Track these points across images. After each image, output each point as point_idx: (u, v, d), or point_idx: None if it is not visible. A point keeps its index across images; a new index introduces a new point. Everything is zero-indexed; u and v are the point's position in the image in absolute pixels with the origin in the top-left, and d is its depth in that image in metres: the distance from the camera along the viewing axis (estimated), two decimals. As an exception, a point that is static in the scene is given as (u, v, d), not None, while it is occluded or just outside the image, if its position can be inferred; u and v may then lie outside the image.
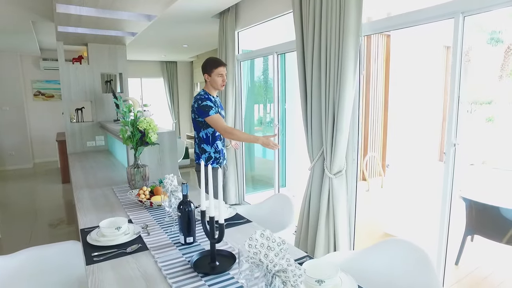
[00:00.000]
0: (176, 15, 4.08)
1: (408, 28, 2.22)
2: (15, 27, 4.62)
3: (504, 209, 2.72)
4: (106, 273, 1.28)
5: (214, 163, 2.68)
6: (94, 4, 2.60)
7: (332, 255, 1.59)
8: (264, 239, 0.91)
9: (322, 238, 2.66)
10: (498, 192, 4.40)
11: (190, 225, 1.52)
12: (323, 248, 2.68)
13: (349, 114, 2.45)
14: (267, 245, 0.88)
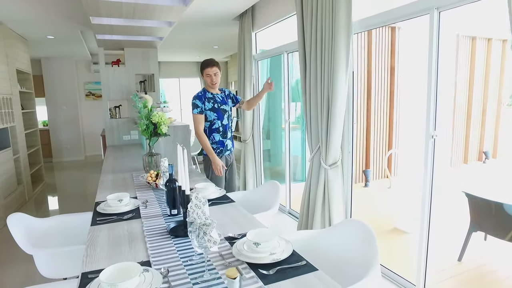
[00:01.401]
0: (199, 19, 4.43)
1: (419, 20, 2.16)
2: (68, 36, 5.30)
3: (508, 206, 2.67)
4: (102, 232, 1.61)
5: (215, 152, 2.94)
6: (119, 15, 3.01)
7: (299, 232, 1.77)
8: (197, 201, 1.16)
9: (318, 226, 2.82)
10: None
11: (175, 199, 1.81)
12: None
13: (342, 109, 2.58)
14: (195, 203, 1.13)
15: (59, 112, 7.86)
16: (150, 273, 1.16)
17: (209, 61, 2.88)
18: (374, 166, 5.42)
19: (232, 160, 3.11)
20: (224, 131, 2.97)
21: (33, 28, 4.69)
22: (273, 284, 1.12)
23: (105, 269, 1.08)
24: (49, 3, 3.56)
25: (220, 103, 2.94)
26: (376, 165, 5.43)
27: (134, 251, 1.40)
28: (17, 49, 4.88)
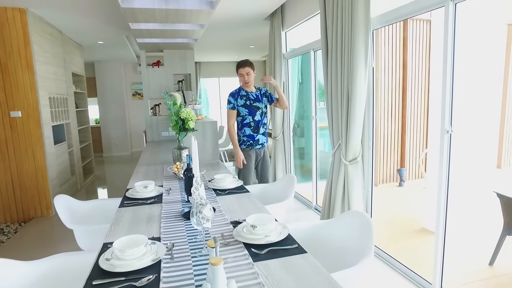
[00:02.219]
0: (231, 20, 4.62)
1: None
2: (115, 41, 5.79)
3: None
4: (126, 213, 1.84)
5: (243, 145, 3.23)
6: (153, 20, 3.28)
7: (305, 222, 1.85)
8: (196, 184, 1.31)
9: (337, 220, 2.86)
10: None
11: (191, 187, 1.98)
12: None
13: (362, 105, 2.59)
14: (195, 186, 1.28)
15: (108, 111, 8.56)
16: (156, 245, 1.33)
17: (242, 62, 3.14)
18: (409, 165, 5.24)
19: (263, 154, 3.32)
20: (255, 126, 3.20)
21: (86, 35, 5.21)
22: (262, 261, 1.24)
23: (118, 239, 1.28)
24: (98, 13, 3.95)
25: (253, 101, 3.18)
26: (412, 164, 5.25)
27: (149, 229, 1.59)
28: (74, 55, 5.44)
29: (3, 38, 3.66)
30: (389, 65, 5.12)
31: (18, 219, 3.98)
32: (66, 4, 3.61)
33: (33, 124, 3.83)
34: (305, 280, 1.10)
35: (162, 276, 1.15)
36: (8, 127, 3.78)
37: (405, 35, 5.10)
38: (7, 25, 3.66)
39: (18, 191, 3.92)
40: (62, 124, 4.62)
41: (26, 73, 3.75)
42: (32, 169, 3.90)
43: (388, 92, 5.16)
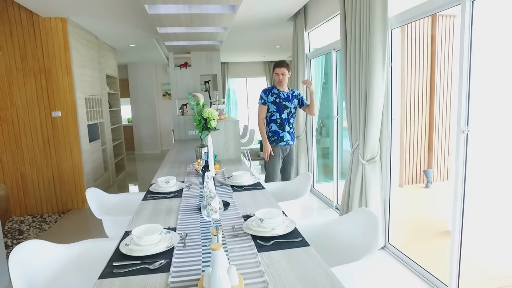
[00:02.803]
0: (256, 21, 4.71)
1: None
2: (146, 44, 6.08)
3: None
4: (148, 205, 1.99)
5: (269, 140, 3.38)
6: (179, 24, 3.45)
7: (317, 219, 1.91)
8: (207, 178, 1.42)
9: (354, 219, 2.88)
10: None
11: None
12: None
13: (380, 104, 2.60)
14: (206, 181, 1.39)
15: (140, 111, 8.96)
16: (171, 234, 1.45)
17: (279, 62, 3.34)
18: (437, 166, 5.08)
19: (288, 151, 3.44)
20: (281, 123, 3.36)
21: (119, 39, 5.52)
22: (266, 252, 1.32)
23: (137, 227, 1.41)
24: (129, 19, 4.20)
25: (283, 99, 3.33)
26: (440, 165, 5.09)
27: (167, 220, 1.72)
28: (108, 58, 5.79)
29: (47, 45, 4.00)
30: (417, 62, 5.00)
31: (58, 210, 4.32)
32: (101, 12, 3.87)
33: (71, 123, 4.15)
34: (304, 270, 1.17)
35: (174, 261, 1.26)
36: (50, 126, 4.12)
37: (433, 32, 4.95)
38: (50, 34, 3.99)
39: (58, 185, 4.26)
40: (96, 123, 4.95)
41: (65, 76, 4.07)
42: (69, 165, 4.23)
43: (416, 90, 5.03)
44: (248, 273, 1.16)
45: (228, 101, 10.67)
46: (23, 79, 4.00)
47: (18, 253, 1.38)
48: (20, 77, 4.00)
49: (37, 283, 1.39)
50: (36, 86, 4.03)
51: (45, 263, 1.47)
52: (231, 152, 3.55)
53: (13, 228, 3.79)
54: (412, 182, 5.08)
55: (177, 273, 1.18)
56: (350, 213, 1.81)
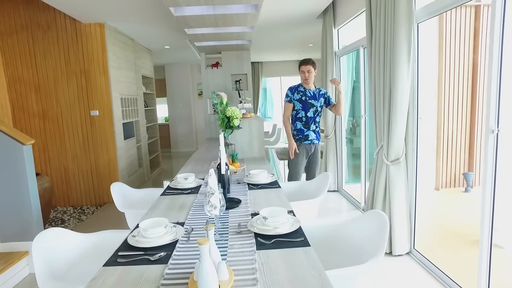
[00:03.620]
0: (284, 19, 4.69)
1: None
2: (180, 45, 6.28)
3: None
4: (165, 200, 2.07)
5: (294, 138, 3.38)
6: (205, 25, 3.54)
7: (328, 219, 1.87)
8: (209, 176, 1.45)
9: (378, 222, 2.78)
10: None
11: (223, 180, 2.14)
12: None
13: (405, 103, 2.48)
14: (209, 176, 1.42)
15: (176, 110, 9.29)
16: (176, 228, 1.51)
17: (305, 60, 3.34)
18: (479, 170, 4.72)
19: (313, 151, 3.41)
20: (306, 122, 3.35)
21: (154, 41, 5.77)
22: (265, 250, 1.32)
23: (144, 221, 1.48)
24: (162, 22, 4.38)
25: (309, 98, 3.32)
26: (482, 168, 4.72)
27: (178, 215, 1.78)
28: (144, 59, 6.07)
29: (87, 49, 4.29)
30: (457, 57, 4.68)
31: (96, 203, 4.62)
32: (135, 16, 4.08)
33: (107, 122, 4.42)
34: (298, 270, 1.16)
35: (174, 253, 1.31)
36: (89, 124, 4.42)
37: (477, 24, 4.60)
38: (90, 38, 4.28)
39: (95, 180, 4.56)
40: (131, 121, 5.21)
41: (102, 78, 4.34)
42: (106, 161, 4.51)
43: (455, 87, 4.71)
44: (241, 270, 1.17)
45: (265, 100, 10.73)
46: (66, 81, 4.33)
47: (41, 239, 1.51)
48: (64, 79, 4.33)
49: (57, 267, 1.51)
50: (77, 87, 4.34)
51: (65, 250, 1.59)
52: (255, 151, 3.58)
53: (57, 218, 4.12)
54: (450, 185, 4.77)
55: (174, 265, 1.22)
56: (363, 215, 1.75)
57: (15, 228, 2.76)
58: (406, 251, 2.72)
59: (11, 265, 2.56)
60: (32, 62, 4.29)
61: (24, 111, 4.37)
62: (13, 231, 2.76)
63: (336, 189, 4.77)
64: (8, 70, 4.30)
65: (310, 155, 3.43)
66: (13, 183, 2.72)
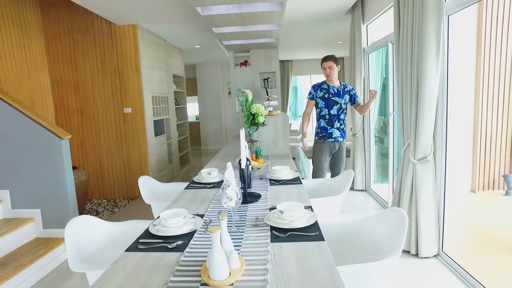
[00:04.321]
0: (312, 17, 4.65)
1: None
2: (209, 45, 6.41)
3: None
4: (188, 194, 2.14)
5: (317, 136, 3.42)
6: (231, 24, 3.59)
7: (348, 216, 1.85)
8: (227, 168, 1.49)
9: (404, 222, 2.69)
10: None
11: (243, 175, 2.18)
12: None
13: (432, 99, 2.39)
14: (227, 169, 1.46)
15: (206, 108, 9.49)
16: (196, 219, 1.56)
17: (326, 57, 3.35)
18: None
19: (338, 149, 3.39)
20: (330, 119, 3.33)
21: (185, 41, 5.94)
22: (279, 243, 1.34)
23: (165, 211, 1.55)
24: (192, 22, 4.50)
25: (333, 95, 3.30)
26: (524, 169, 4.41)
27: (199, 208, 1.84)
28: (175, 58, 6.27)
29: (121, 50, 4.51)
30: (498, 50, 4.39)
31: (127, 197, 4.85)
32: (166, 17, 4.23)
33: (139, 119, 4.62)
34: (309, 263, 1.17)
35: (191, 242, 1.37)
36: (122, 121, 4.65)
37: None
38: (124, 39, 4.49)
39: (128, 174, 4.78)
40: (162, 119, 5.41)
41: (135, 77, 4.54)
42: (137, 157, 4.71)
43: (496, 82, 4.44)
44: (253, 260, 1.20)
45: (295, 99, 10.69)
46: (102, 80, 4.58)
47: (72, 224, 1.63)
48: (99, 78, 4.58)
49: (86, 251, 1.62)
50: (111, 85, 4.58)
51: (94, 236, 1.71)
52: (280, 148, 3.59)
53: (92, 209, 4.38)
54: (488, 187, 4.50)
55: (190, 253, 1.28)
56: (383, 212, 1.72)
57: (55, 216, 2.97)
58: (433, 253, 2.62)
59: (51, 250, 2.77)
60: (72, 63, 4.58)
61: (64, 108, 4.67)
62: (53, 219, 2.98)
63: (364, 188, 4.66)
64: (52, 71, 4.62)
65: (334, 153, 3.41)
66: (53, 175, 2.93)
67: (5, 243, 2.68)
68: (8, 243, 2.71)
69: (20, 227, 2.81)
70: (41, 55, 4.46)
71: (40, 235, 2.98)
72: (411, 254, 2.68)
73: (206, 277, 1.06)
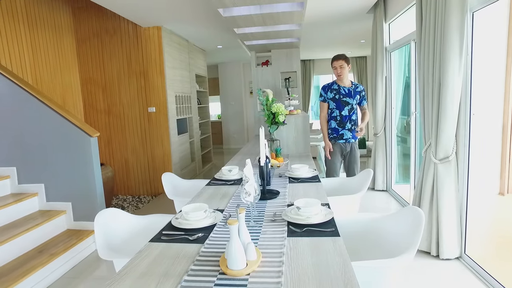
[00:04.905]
0: (333, 16, 4.63)
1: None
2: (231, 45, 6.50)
3: None
4: (209, 190, 2.22)
5: (329, 137, 3.39)
6: (253, 24, 3.65)
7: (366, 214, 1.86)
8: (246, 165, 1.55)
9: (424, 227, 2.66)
10: None
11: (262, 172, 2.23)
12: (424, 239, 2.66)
13: (455, 98, 2.35)
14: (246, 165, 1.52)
15: (228, 107, 9.61)
16: (216, 213, 1.63)
17: (336, 56, 3.27)
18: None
19: (350, 149, 3.34)
20: (341, 120, 3.28)
21: (208, 41, 6.06)
22: (295, 238, 1.38)
23: (187, 205, 1.63)
24: (214, 23, 4.60)
25: (344, 95, 3.25)
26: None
27: (219, 203, 1.91)
28: (197, 59, 6.41)
29: (146, 51, 4.68)
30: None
31: (151, 193, 5.02)
32: (189, 19, 4.35)
33: (162, 118, 4.77)
34: (323, 257, 1.20)
35: (211, 235, 1.43)
36: (146, 120, 4.82)
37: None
38: (148, 40, 4.66)
39: (151, 171, 4.95)
40: (185, 118, 5.55)
41: (159, 77, 4.69)
42: (160, 154, 4.87)
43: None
44: (269, 252, 1.25)
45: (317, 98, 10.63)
46: (128, 81, 4.77)
47: (101, 215, 1.74)
48: (126, 79, 4.77)
49: (113, 241, 1.72)
50: (137, 86, 4.76)
51: (120, 227, 1.81)
52: (301, 147, 3.62)
53: (118, 204, 4.57)
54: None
55: (210, 245, 1.34)
56: (400, 210, 1.72)
57: (84, 210, 3.14)
58: (455, 255, 2.57)
59: (81, 241, 2.93)
60: (100, 64, 4.79)
61: (93, 107, 4.90)
62: (83, 212, 3.15)
63: (385, 188, 4.60)
64: (81, 72, 4.85)
65: (346, 154, 3.38)
66: (82, 170, 3.10)
67: (41, 233, 2.87)
68: (44, 233, 2.90)
69: (54, 218, 2.99)
70: (72, 56, 4.70)
71: (71, 227, 3.16)
72: (432, 255, 2.64)
73: (224, 267, 1.12)
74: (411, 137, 3.80)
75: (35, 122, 3.10)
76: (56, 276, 2.62)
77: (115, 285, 1.08)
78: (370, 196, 4.46)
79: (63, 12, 4.52)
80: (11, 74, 3.10)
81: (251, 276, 1.09)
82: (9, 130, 3.14)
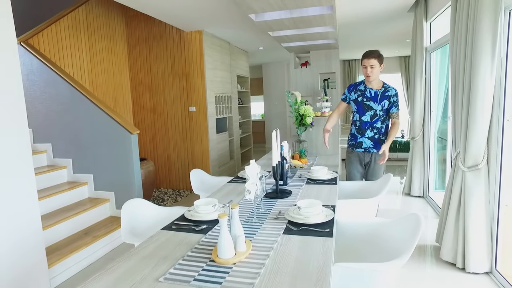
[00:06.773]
0: (373, 16, 4.54)
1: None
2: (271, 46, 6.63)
3: None
4: (228, 187, 2.38)
5: (347, 143, 3.09)
6: (286, 28, 3.74)
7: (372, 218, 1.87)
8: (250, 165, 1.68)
9: (449, 237, 2.55)
10: None
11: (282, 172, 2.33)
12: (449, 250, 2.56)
13: (486, 103, 2.24)
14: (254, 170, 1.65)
15: (271, 107, 9.75)
16: (225, 208, 1.78)
17: (368, 52, 2.73)
18: None
19: (370, 160, 2.92)
20: (360, 127, 2.87)
21: (249, 43, 6.25)
22: (289, 235, 1.48)
23: (199, 200, 1.80)
24: (249, 26, 4.77)
25: (368, 99, 2.82)
26: None
27: (235, 199, 2.06)
28: (239, 60, 6.63)
29: (188, 53, 5.00)
30: None
31: (190, 188, 5.35)
32: (228, 23, 4.56)
33: (202, 117, 5.06)
34: (308, 255, 1.28)
35: (214, 227, 1.58)
36: (187, 119, 5.14)
37: None
38: (191, 44, 4.97)
39: (191, 167, 5.27)
40: (224, 117, 5.80)
41: (199, 79, 4.98)
42: (199, 151, 5.17)
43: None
44: (261, 246, 1.37)
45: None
46: (171, 81, 5.13)
47: (127, 204, 1.98)
48: (169, 80, 5.14)
49: (136, 227, 1.96)
50: (179, 86, 5.10)
51: (144, 216, 2.04)
52: (330, 149, 3.65)
53: (159, 197, 4.95)
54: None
55: (211, 236, 1.50)
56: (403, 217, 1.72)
57: (124, 199, 3.49)
58: (484, 270, 2.44)
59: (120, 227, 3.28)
60: (147, 67, 5.22)
61: (140, 106, 5.35)
62: (123, 201, 3.49)
63: (422, 195, 4.41)
64: (131, 74, 5.32)
65: (366, 164, 2.96)
66: (124, 164, 3.45)
67: (88, 217, 3.27)
68: (91, 217, 3.30)
69: (99, 205, 3.39)
70: (123, 60, 5.18)
71: (114, 214, 3.54)
72: (457, 267, 2.53)
73: (215, 255, 1.26)
74: (448, 142, 3.62)
75: (87, 120, 3.53)
76: (98, 256, 2.98)
77: (122, 262, 1.27)
78: (405, 202, 4.31)
79: (117, 20, 5.00)
80: (70, 78, 3.55)
81: (236, 265, 1.22)
82: (69, 127, 3.60)
